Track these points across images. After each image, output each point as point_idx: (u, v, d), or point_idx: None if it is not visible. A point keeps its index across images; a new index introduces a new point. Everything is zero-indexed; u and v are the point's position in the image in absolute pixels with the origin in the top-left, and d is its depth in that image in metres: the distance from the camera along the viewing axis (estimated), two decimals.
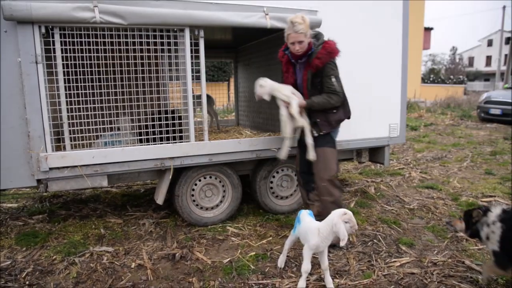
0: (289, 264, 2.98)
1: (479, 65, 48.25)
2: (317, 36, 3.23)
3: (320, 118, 3.23)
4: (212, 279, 2.78)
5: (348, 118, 3.41)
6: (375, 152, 4.54)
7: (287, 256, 3.00)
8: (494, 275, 2.68)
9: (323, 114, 3.22)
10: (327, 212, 3.03)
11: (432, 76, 37.24)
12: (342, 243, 2.45)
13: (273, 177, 4.03)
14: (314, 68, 3.13)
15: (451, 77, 36.97)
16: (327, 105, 3.17)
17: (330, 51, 3.10)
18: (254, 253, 3.17)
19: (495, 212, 2.58)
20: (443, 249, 3.24)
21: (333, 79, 3.14)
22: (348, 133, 3.93)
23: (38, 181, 3.03)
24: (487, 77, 43.89)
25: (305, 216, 2.74)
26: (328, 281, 2.62)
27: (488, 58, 48.24)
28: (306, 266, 2.59)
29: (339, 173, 5.90)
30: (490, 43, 48.41)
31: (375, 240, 3.41)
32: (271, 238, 3.47)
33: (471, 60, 50.76)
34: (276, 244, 3.33)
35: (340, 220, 2.49)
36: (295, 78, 3.34)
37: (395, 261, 3.02)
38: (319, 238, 2.54)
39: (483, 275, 2.72)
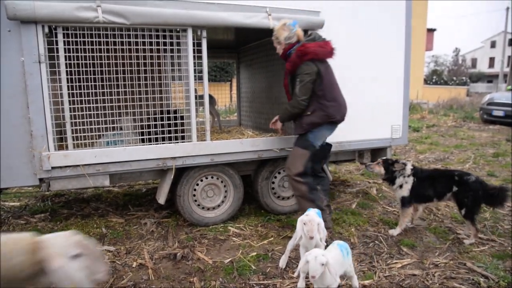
0: (290, 264, 2.98)
1: (482, 67, 48.06)
2: (313, 38, 3.21)
3: (296, 120, 3.34)
4: (213, 279, 2.78)
5: (333, 122, 3.24)
6: (377, 153, 4.53)
7: (289, 257, 2.99)
8: (405, 222, 3.50)
9: (299, 116, 3.28)
10: (301, 206, 3.33)
11: (434, 78, 37.08)
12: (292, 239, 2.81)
13: (275, 177, 4.02)
14: (288, 72, 3.23)
15: (454, 78, 36.80)
16: (289, 113, 3.29)
17: (300, 54, 3.07)
18: (255, 253, 3.17)
19: (409, 167, 3.39)
20: (445, 251, 3.23)
21: (297, 81, 3.12)
22: (350, 134, 3.94)
23: (41, 180, 3.04)
24: (490, 78, 43.73)
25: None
26: None
27: (491, 60, 48.09)
28: (302, 265, 2.58)
29: (341, 174, 5.90)
30: (493, 45, 48.25)
31: (376, 241, 3.41)
32: (272, 238, 3.47)
33: (474, 62, 50.58)
34: (277, 245, 3.33)
35: (301, 219, 2.60)
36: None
37: (396, 263, 3.02)
38: (300, 233, 2.61)
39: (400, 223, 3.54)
